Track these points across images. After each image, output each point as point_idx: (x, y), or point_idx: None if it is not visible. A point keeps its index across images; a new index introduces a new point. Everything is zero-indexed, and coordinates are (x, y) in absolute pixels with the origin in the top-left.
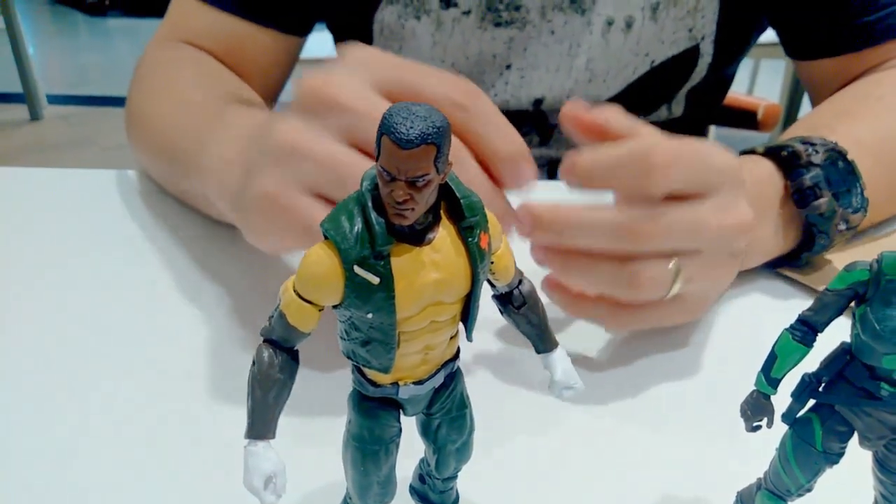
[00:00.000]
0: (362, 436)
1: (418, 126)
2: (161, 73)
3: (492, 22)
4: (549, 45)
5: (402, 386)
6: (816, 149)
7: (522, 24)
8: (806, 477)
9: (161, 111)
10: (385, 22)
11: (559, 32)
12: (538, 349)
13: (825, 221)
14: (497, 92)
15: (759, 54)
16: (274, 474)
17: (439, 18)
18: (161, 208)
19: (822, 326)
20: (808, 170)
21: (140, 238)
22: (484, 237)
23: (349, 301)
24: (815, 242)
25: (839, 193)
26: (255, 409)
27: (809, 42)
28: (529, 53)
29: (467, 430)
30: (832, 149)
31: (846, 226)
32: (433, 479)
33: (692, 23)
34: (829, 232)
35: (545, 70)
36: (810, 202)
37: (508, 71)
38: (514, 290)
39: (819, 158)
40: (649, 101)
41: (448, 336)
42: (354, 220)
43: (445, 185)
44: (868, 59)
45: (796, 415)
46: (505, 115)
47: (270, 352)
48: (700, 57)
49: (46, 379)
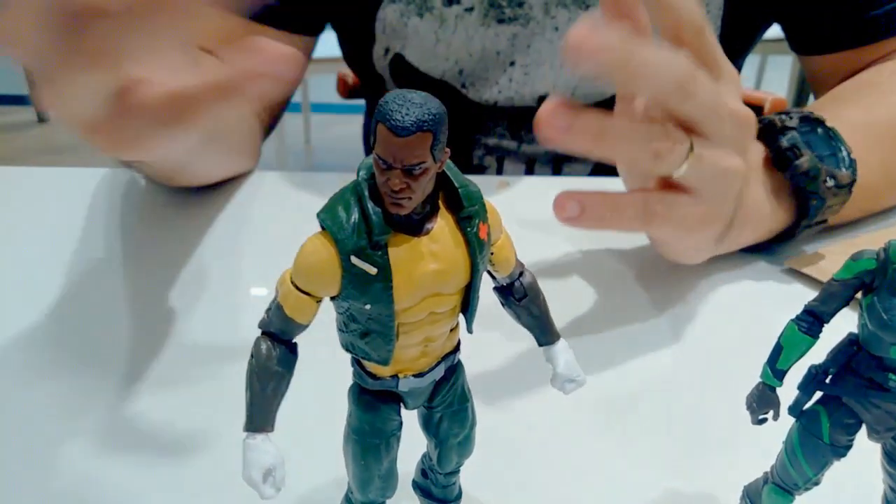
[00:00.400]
0: (363, 429)
1: (414, 113)
2: None
3: (495, 18)
4: (553, 42)
5: (402, 378)
6: (790, 116)
7: (526, 20)
8: (813, 470)
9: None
10: (387, 20)
11: (563, 28)
12: (540, 342)
13: (811, 181)
14: (501, 89)
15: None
16: (273, 467)
17: (442, 15)
18: (165, 205)
19: (828, 317)
20: (783, 134)
21: (144, 235)
22: (483, 227)
23: (347, 292)
24: (809, 207)
25: (823, 156)
26: (253, 402)
27: (814, 37)
28: (533, 50)
29: (469, 424)
30: (806, 116)
31: (835, 182)
32: (435, 474)
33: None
34: (819, 191)
35: (549, 67)
36: (791, 163)
37: (512, 68)
38: (515, 282)
39: (793, 122)
40: None
41: (448, 328)
42: (351, 210)
43: (443, 175)
44: (873, 54)
45: (803, 407)
46: (509, 112)
47: (268, 344)
48: None
49: (49, 373)
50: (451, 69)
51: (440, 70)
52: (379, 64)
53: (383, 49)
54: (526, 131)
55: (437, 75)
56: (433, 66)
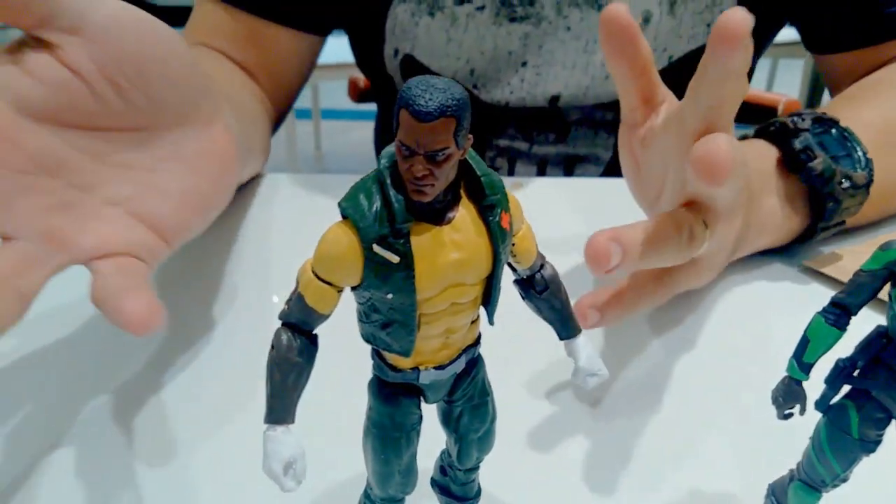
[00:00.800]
0: (383, 423)
1: (437, 98)
2: None
3: (506, 17)
4: (566, 42)
5: (423, 371)
6: (803, 117)
7: (538, 20)
8: (841, 466)
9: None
10: (398, 20)
11: (575, 28)
12: (561, 335)
13: (826, 182)
14: (513, 89)
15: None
16: (294, 459)
17: (453, 14)
18: None
19: (855, 309)
20: (796, 136)
21: None
22: (505, 216)
23: (368, 281)
24: (825, 209)
25: (838, 157)
26: (273, 394)
27: (829, 36)
28: (545, 50)
29: (489, 418)
30: (819, 117)
31: (850, 183)
32: (455, 471)
33: (710, 17)
34: (834, 192)
35: (561, 67)
36: (805, 165)
37: (524, 68)
38: (536, 275)
39: (806, 124)
40: None
41: (469, 320)
42: (373, 198)
43: (465, 164)
44: (888, 52)
45: (830, 402)
46: (521, 112)
47: (289, 335)
48: None
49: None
50: (462, 69)
51: (451, 70)
52: (390, 65)
53: (393, 49)
54: (537, 132)
55: (449, 75)
56: (444, 66)
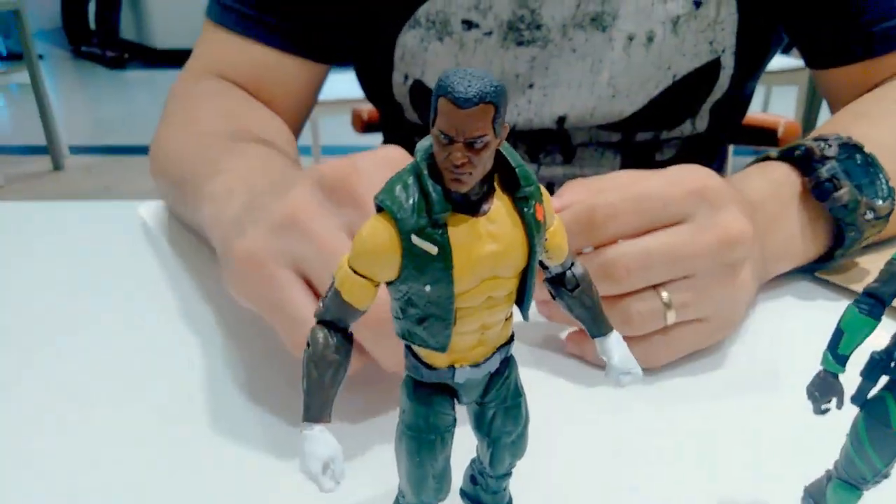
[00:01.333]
0: (417, 424)
1: (476, 85)
2: (184, 107)
3: (514, 41)
4: (571, 63)
5: (459, 369)
6: (829, 143)
7: (544, 42)
8: (883, 461)
9: (179, 143)
10: (407, 46)
11: (581, 49)
12: (593, 333)
13: (850, 213)
14: (520, 111)
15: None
16: (332, 459)
17: (462, 40)
18: (184, 235)
19: (889, 298)
20: (822, 163)
21: (161, 267)
22: (539, 209)
23: (406, 273)
24: (845, 236)
25: (862, 185)
26: (310, 392)
27: (827, 50)
28: (552, 71)
29: (523, 421)
30: (846, 143)
31: (874, 215)
32: (486, 478)
33: (713, 35)
34: (857, 223)
35: (567, 87)
36: (830, 194)
37: (531, 90)
38: (568, 272)
39: (833, 151)
40: (673, 116)
41: (504, 316)
42: (410, 189)
43: (499, 156)
44: (887, 66)
45: (867, 395)
46: (528, 134)
47: (325, 332)
48: (721, 69)
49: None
50: None
51: None
52: (398, 91)
53: (402, 76)
54: (544, 154)
55: None
56: None
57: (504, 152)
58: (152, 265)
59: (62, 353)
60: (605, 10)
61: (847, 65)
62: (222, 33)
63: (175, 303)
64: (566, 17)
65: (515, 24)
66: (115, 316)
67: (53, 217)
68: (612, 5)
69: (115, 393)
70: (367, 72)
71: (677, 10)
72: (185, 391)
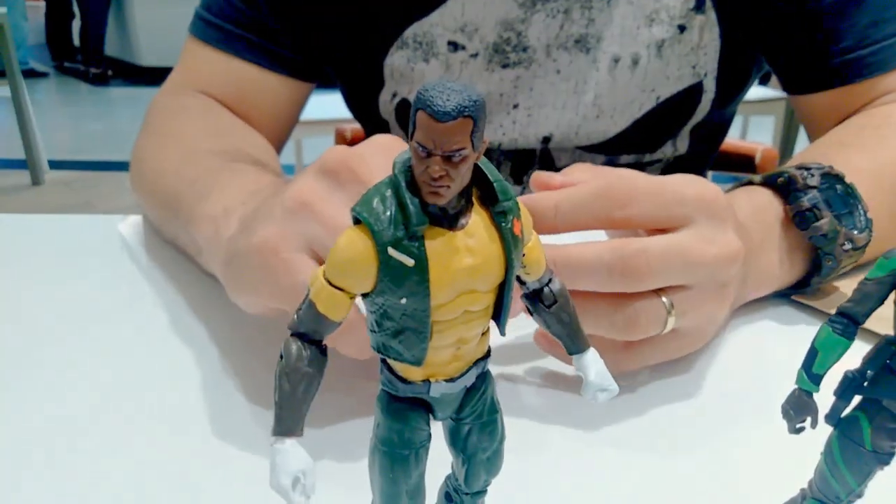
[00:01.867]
0: (391, 439)
1: (455, 99)
2: (168, 121)
3: (499, 63)
4: (556, 84)
5: (434, 383)
6: (812, 172)
7: (528, 63)
8: (856, 480)
9: (165, 159)
10: (395, 66)
11: (565, 71)
12: (570, 350)
13: (829, 242)
14: (505, 131)
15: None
16: (303, 473)
17: (448, 61)
18: (165, 250)
19: (862, 318)
20: (805, 192)
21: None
22: (517, 223)
23: (382, 286)
24: (822, 266)
25: (841, 216)
26: (282, 405)
27: (803, 77)
28: (536, 92)
29: (498, 438)
30: (828, 172)
31: (852, 245)
32: (461, 495)
33: (696, 59)
34: (835, 253)
35: (552, 108)
36: (811, 224)
37: (516, 110)
38: (545, 288)
39: (815, 181)
40: (655, 138)
41: (480, 330)
42: (387, 202)
43: (477, 170)
44: (862, 93)
45: (841, 414)
46: (513, 156)
47: (299, 345)
48: (703, 93)
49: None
50: None
51: None
52: (385, 109)
53: (391, 94)
54: (528, 177)
55: None
56: None
57: (482, 166)
58: (132, 280)
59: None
60: (589, 32)
61: (823, 91)
62: (205, 49)
63: (156, 318)
64: (550, 39)
65: (501, 47)
66: (95, 330)
67: (31, 230)
68: (597, 28)
69: (94, 407)
70: (353, 90)
71: (662, 34)
72: (168, 404)
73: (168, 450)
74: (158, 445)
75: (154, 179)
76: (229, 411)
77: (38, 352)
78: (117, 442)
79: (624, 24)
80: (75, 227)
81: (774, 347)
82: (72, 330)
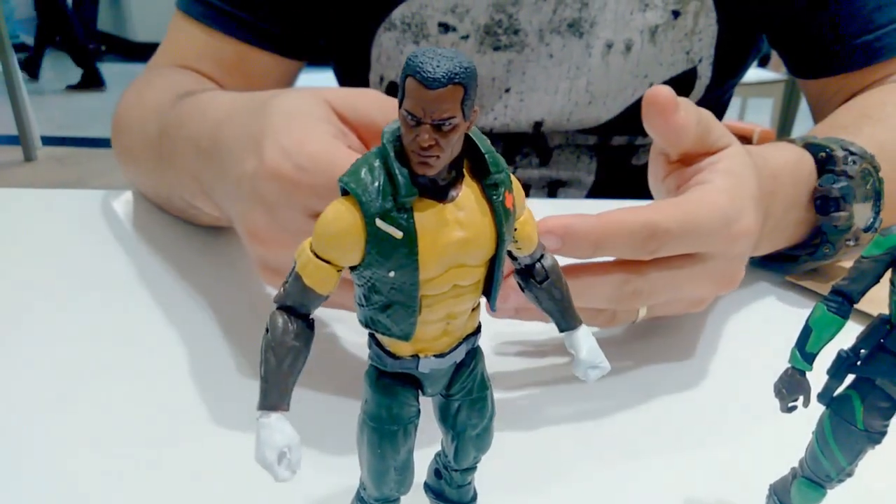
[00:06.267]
0: (379, 415)
1: (445, 65)
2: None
3: (491, 46)
4: (548, 68)
5: (423, 358)
6: (854, 160)
7: (521, 47)
8: (847, 459)
9: (141, 111)
10: (383, 47)
11: (557, 55)
12: (561, 327)
13: (838, 234)
14: (497, 115)
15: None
16: (288, 448)
17: (438, 43)
18: (154, 226)
19: (857, 296)
20: (839, 178)
21: (133, 258)
22: (509, 196)
23: (370, 258)
24: (819, 249)
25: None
26: (268, 378)
27: (809, 62)
28: (528, 76)
29: (488, 414)
30: (867, 167)
31: (854, 242)
32: (450, 472)
33: (690, 45)
34: (837, 244)
35: (544, 92)
36: (830, 212)
37: (507, 94)
38: (537, 264)
39: (854, 171)
40: None
41: (470, 305)
42: (376, 172)
43: (469, 141)
44: (869, 77)
45: (833, 393)
46: (504, 137)
47: (285, 318)
48: (697, 79)
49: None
50: None
51: None
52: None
53: (378, 76)
54: (521, 157)
55: None
56: None
57: (474, 137)
58: (124, 255)
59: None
60: (582, 16)
61: (829, 76)
62: (191, 24)
63: (147, 293)
64: (543, 23)
65: (493, 29)
66: (86, 304)
67: (22, 204)
68: (590, 12)
69: (85, 382)
70: (343, 71)
71: (655, 20)
72: (160, 379)
73: (161, 425)
74: (150, 420)
75: (134, 133)
76: (221, 385)
77: (29, 325)
78: (109, 413)
79: (617, 8)
80: (67, 202)
81: (765, 326)
82: (62, 305)
